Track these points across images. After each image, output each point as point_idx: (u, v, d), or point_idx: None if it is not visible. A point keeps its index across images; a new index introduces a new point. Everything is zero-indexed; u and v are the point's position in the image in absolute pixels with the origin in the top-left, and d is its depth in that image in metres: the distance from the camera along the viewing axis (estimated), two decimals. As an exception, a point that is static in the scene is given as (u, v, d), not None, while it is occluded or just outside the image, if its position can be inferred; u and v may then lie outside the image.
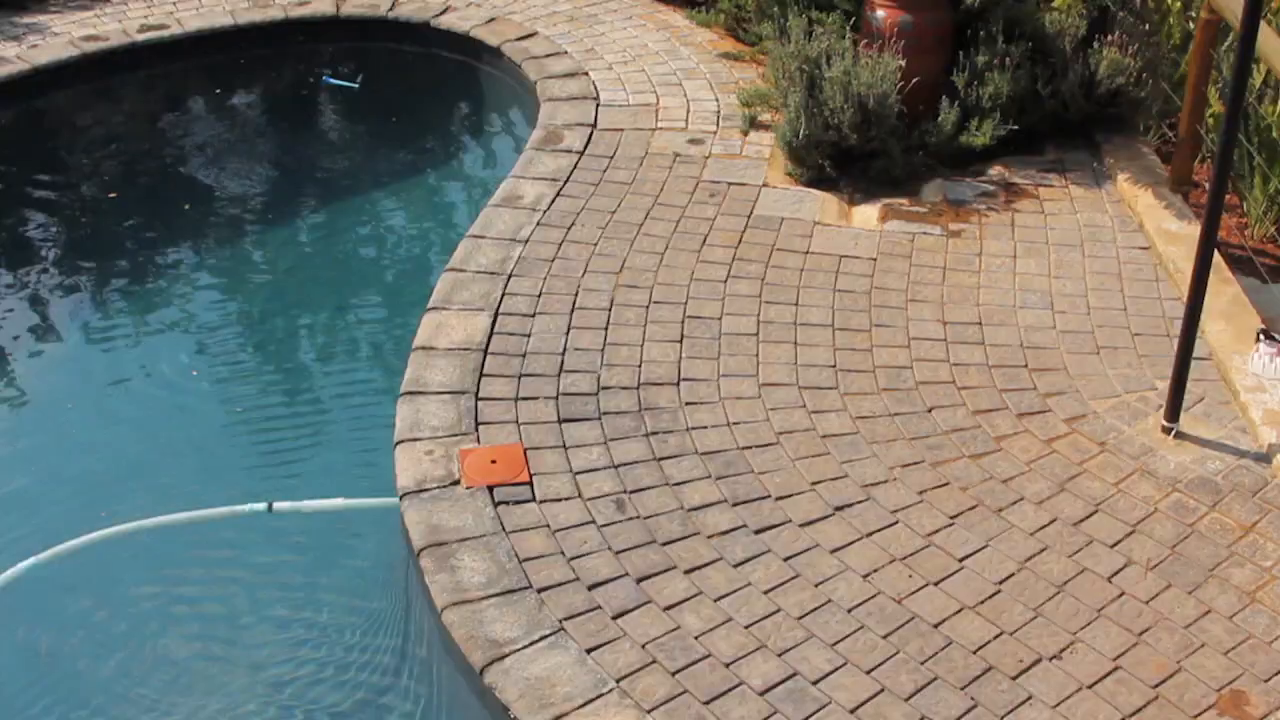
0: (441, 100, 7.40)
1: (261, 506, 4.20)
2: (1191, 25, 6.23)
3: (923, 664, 3.40)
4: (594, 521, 3.85)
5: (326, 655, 3.94)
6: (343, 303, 5.67)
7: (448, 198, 6.63)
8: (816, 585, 3.63)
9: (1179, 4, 6.31)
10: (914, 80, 5.52)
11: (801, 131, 5.45)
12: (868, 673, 3.37)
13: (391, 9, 7.43)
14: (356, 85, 7.22)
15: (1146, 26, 5.86)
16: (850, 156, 5.56)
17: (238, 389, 5.08)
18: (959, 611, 3.55)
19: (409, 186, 6.63)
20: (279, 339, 5.46)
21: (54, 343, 5.35)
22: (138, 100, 7.31)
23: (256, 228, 6.27)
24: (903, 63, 5.46)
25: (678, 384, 4.41)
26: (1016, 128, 5.69)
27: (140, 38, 7.19)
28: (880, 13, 5.71)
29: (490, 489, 3.97)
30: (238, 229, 6.23)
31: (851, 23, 5.89)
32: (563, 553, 3.74)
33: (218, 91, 7.42)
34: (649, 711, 3.26)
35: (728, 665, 3.39)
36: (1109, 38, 5.72)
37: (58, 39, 7.18)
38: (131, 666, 3.88)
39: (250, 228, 6.26)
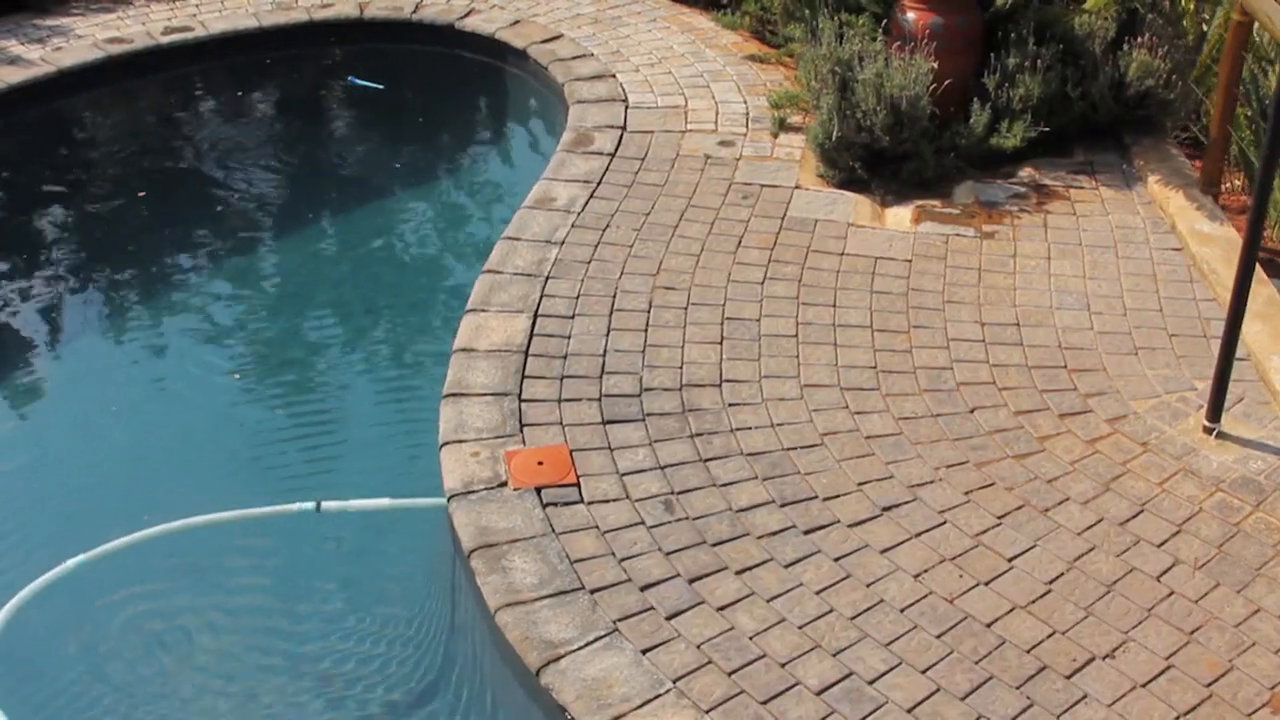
0: (467, 102, 7.41)
1: (310, 506, 4.20)
2: (1206, 26, 6.26)
3: (977, 663, 3.42)
4: (643, 523, 3.87)
5: (372, 655, 3.95)
6: (374, 304, 5.68)
7: (476, 199, 6.63)
8: (868, 585, 3.66)
9: (1192, 4, 6.34)
10: (945, 82, 5.54)
11: (834, 133, 5.47)
12: (923, 672, 3.39)
13: (415, 11, 7.45)
14: (382, 86, 7.24)
15: (1174, 29, 5.89)
16: (882, 158, 5.59)
17: (276, 390, 5.09)
18: (1011, 611, 3.58)
19: (437, 187, 6.64)
20: (309, 341, 5.46)
21: (90, 345, 5.36)
22: (163, 102, 7.32)
23: (284, 229, 6.28)
24: (934, 65, 5.48)
25: (720, 385, 4.43)
26: (1047, 129, 5.71)
27: (165, 40, 7.21)
28: (911, 15, 5.74)
29: (538, 490, 3.99)
30: (267, 230, 6.24)
31: (882, 25, 5.91)
32: (613, 554, 3.76)
33: (242, 93, 7.44)
34: (707, 712, 3.27)
35: (783, 665, 3.41)
36: (1138, 40, 5.75)
37: (82, 41, 7.19)
38: (178, 663, 3.89)
39: (278, 229, 6.27)
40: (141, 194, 6.40)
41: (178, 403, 4.95)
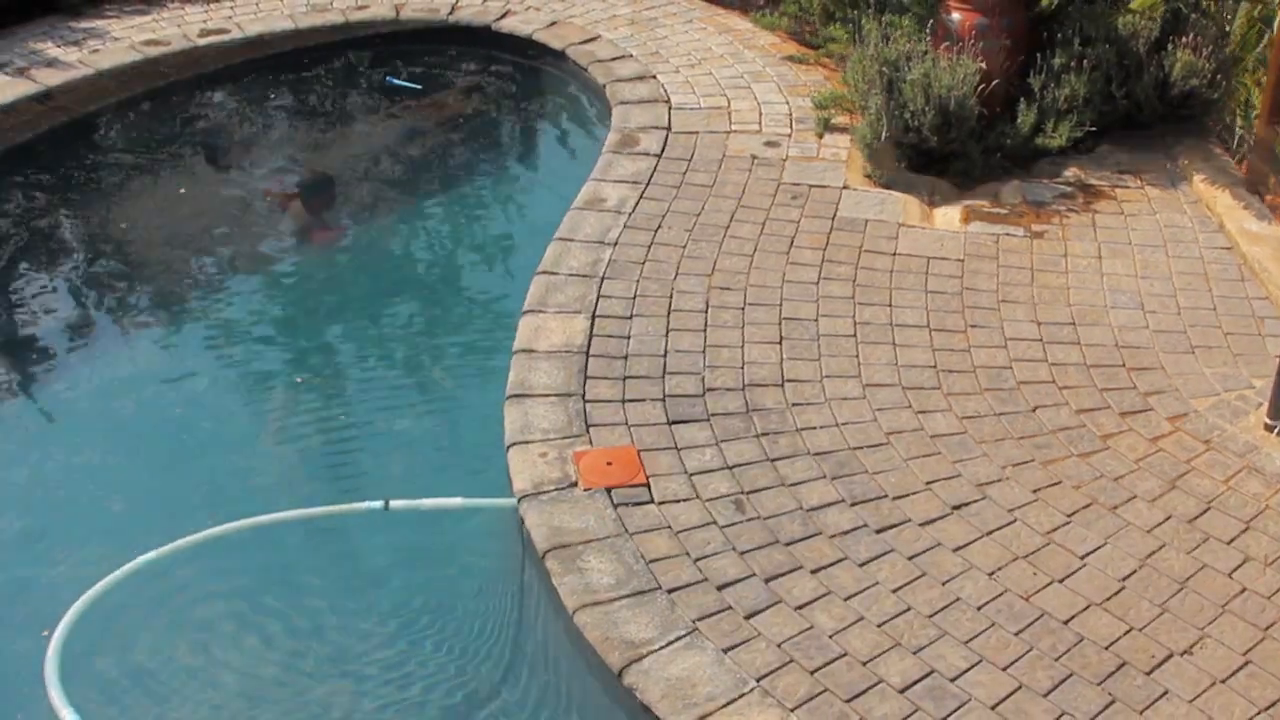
0: (507, 102, 7.43)
1: (378, 504, 4.21)
2: (1228, 27, 6.28)
3: (1057, 660, 3.45)
4: (715, 522, 3.89)
5: (442, 655, 3.96)
6: (418, 306, 5.69)
7: (520, 199, 6.64)
8: (944, 584, 3.68)
9: (1214, 4, 6.35)
10: (991, 83, 5.57)
11: (883, 134, 5.50)
12: (1004, 669, 3.42)
13: (451, 13, 7.47)
14: (420, 87, 7.25)
15: (1218, 29, 5.91)
16: (929, 158, 5.61)
17: (324, 392, 5.11)
18: (1087, 608, 3.60)
19: (481, 188, 6.66)
20: (354, 343, 5.47)
21: (142, 349, 5.36)
22: (201, 102, 7.33)
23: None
24: (982, 65, 5.50)
25: (782, 385, 4.46)
26: (1094, 129, 5.74)
27: (201, 42, 7.23)
28: (956, 16, 5.76)
29: (608, 490, 4.01)
30: (305, 232, 6.26)
31: (927, 26, 5.93)
32: (688, 554, 3.78)
33: (279, 95, 7.44)
34: (792, 710, 3.30)
35: (865, 663, 3.43)
36: (1182, 40, 5.77)
37: (118, 44, 7.21)
38: (242, 660, 3.90)
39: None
40: (181, 190, 6.41)
41: (240, 406, 4.97)
